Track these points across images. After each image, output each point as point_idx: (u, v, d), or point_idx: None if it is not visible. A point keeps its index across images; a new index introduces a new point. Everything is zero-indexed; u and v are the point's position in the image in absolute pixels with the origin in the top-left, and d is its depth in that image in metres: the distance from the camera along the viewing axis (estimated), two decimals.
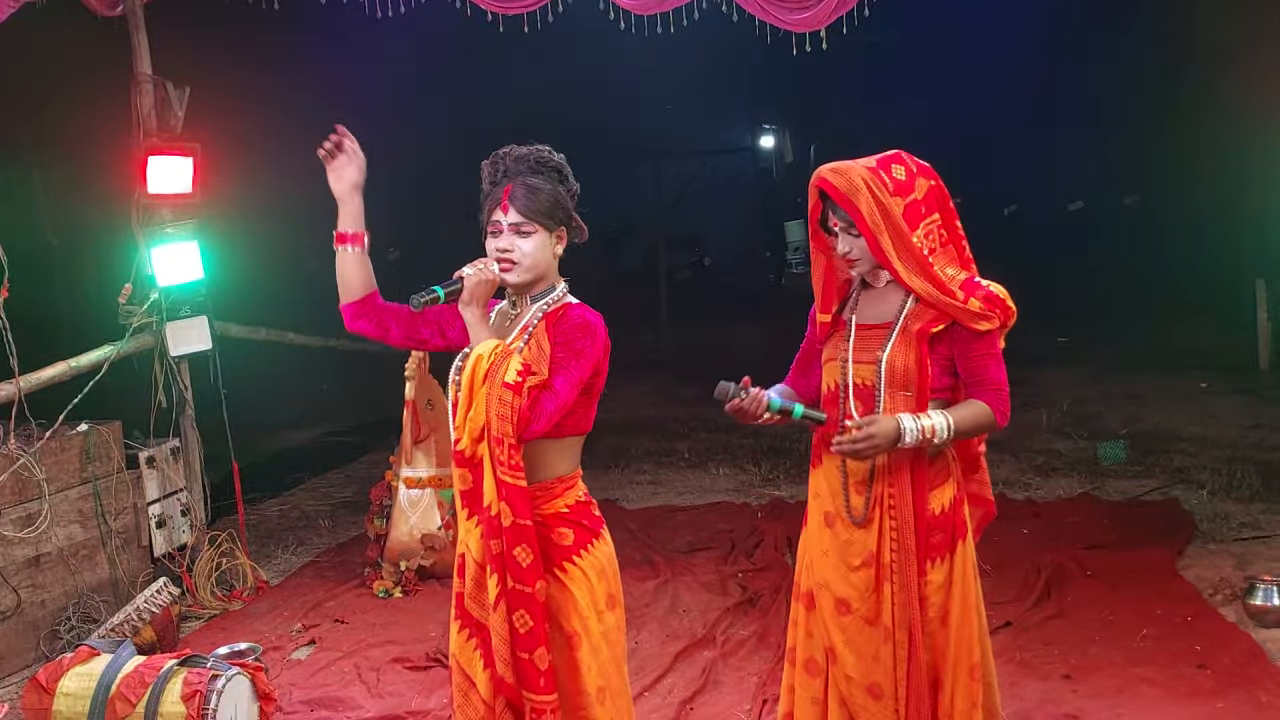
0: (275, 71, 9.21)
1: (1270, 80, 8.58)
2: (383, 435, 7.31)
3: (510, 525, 2.44)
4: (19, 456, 4.56)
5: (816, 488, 2.90)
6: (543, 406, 2.45)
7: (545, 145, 2.68)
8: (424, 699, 4.11)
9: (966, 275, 2.76)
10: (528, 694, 2.47)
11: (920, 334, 2.70)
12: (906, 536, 2.72)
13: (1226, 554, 5.20)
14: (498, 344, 2.49)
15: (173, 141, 5.27)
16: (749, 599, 4.94)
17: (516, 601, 2.45)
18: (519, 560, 2.44)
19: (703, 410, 8.90)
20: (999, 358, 2.75)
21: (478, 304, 2.54)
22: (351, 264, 2.75)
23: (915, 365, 2.70)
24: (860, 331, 2.79)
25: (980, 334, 2.70)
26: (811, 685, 2.90)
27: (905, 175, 2.71)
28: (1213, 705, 3.80)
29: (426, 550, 5.30)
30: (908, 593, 2.73)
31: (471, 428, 2.46)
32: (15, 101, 7.54)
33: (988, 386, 2.73)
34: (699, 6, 4.73)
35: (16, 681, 4.41)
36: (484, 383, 2.44)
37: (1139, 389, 8.87)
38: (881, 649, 2.77)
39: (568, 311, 2.60)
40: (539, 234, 2.59)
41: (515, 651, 2.46)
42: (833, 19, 4.60)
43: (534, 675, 2.46)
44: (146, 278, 5.23)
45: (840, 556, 2.81)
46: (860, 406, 2.75)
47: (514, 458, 2.43)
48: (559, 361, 2.52)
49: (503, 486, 2.43)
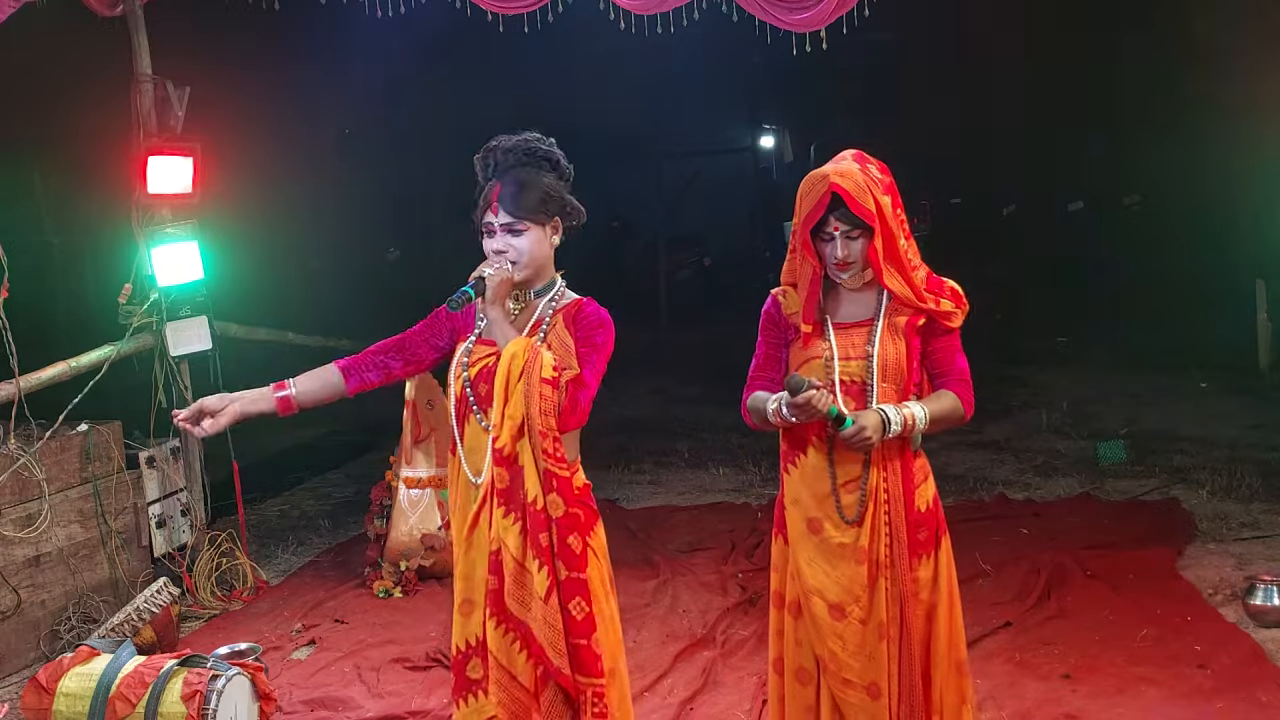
0: (275, 71, 9.21)
1: (1270, 80, 8.58)
2: (383, 435, 7.31)
3: (562, 515, 2.53)
4: (19, 456, 4.56)
5: (795, 494, 2.84)
6: (579, 401, 2.55)
7: (534, 133, 2.69)
8: (424, 699, 4.11)
9: (926, 271, 2.80)
10: (586, 679, 2.53)
11: (909, 326, 2.74)
12: (900, 531, 2.74)
13: (1226, 554, 5.20)
14: (527, 341, 2.54)
15: (173, 141, 5.28)
16: (749, 599, 4.94)
17: (571, 590, 2.53)
18: (573, 549, 2.53)
19: (703, 410, 8.92)
20: (962, 350, 2.81)
21: (500, 303, 2.59)
22: (311, 398, 2.76)
23: (906, 356, 2.74)
24: (839, 329, 2.79)
25: (950, 329, 2.77)
26: (804, 694, 2.87)
27: (880, 175, 2.73)
28: (1213, 705, 3.80)
29: (426, 550, 5.30)
30: (903, 586, 2.73)
31: (510, 424, 2.52)
32: (15, 101, 7.54)
33: (954, 377, 2.78)
34: (699, 6, 4.72)
35: (16, 681, 4.41)
36: (520, 379, 2.50)
37: (1139, 389, 8.86)
38: (877, 648, 2.76)
39: (583, 307, 2.67)
40: (532, 230, 2.63)
41: (572, 639, 2.52)
42: (833, 19, 4.59)
43: (592, 659, 2.53)
44: (146, 278, 5.23)
45: (829, 561, 2.78)
46: (851, 403, 2.75)
47: (559, 449, 2.52)
48: (584, 356, 2.60)
49: (551, 478, 2.52)
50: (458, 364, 2.68)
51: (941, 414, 2.74)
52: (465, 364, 2.66)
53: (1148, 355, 10.02)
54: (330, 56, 9.13)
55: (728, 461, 7.36)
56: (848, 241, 2.71)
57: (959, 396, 2.77)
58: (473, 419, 2.65)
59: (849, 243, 2.71)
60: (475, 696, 2.65)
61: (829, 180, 2.66)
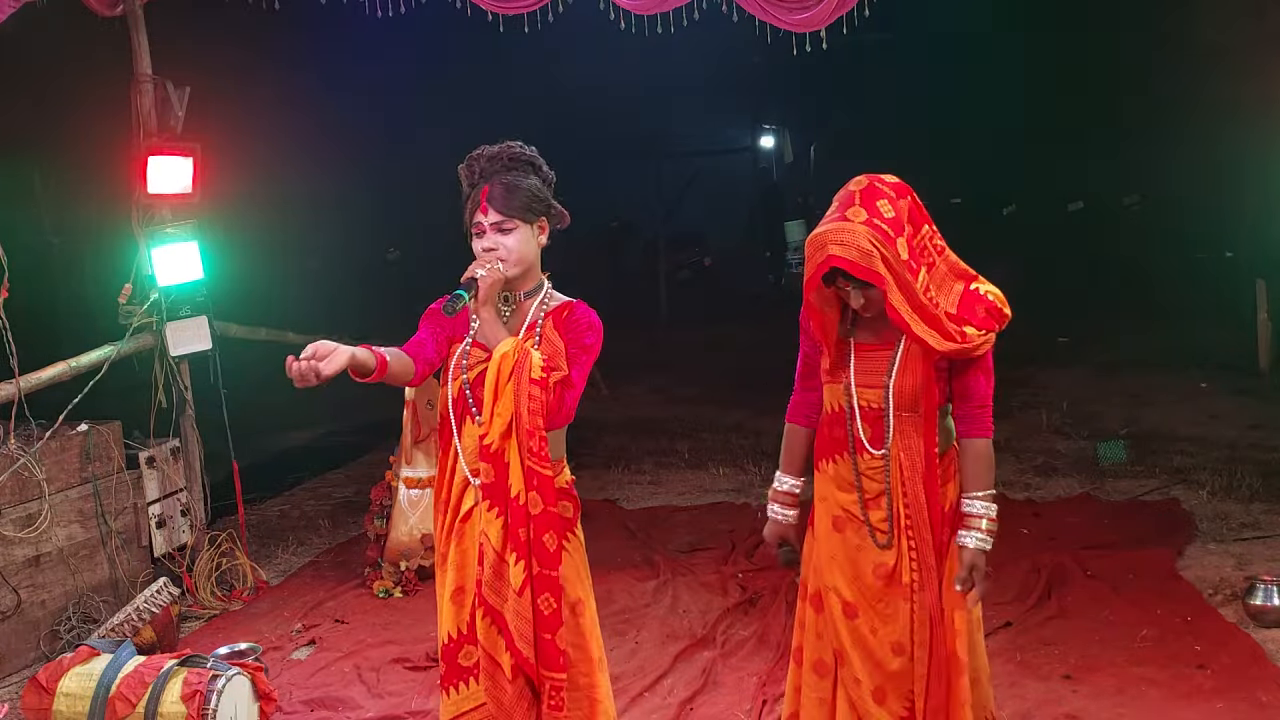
0: (275, 71, 9.19)
1: (1270, 80, 8.57)
2: (383, 435, 7.31)
3: (540, 513, 2.59)
4: (19, 456, 4.56)
5: (824, 491, 2.89)
6: (566, 401, 2.63)
7: (516, 141, 2.77)
8: (424, 699, 4.11)
9: (962, 287, 2.72)
10: (547, 672, 2.62)
11: (926, 354, 2.66)
12: (926, 555, 2.72)
13: (1226, 554, 5.20)
14: (516, 342, 2.61)
15: (173, 141, 5.27)
16: (749, 599, 4.94)
17: (542, 585, 2.59)
18: (547, 546, 2.59)
19: (703, 410, 8.92)
20: (989, 371, 2.75)
21: (491, 303, 2.65)
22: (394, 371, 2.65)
23: (923, 386, 2.68)
24: (861, 353, 2.76)
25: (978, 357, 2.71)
26: (820, 686, 2.90)
27: (892, 210, 2.59)
28: (1213, 705, 3.80)
29: (426, 550, 5.30)
30: (931, 610, 2.73)
31: (499, 423, 2.59)
32: (16, 101, 7.54)
33: (973, 402, 2.73)
34: (699, 6, 4.72)
35: (16, 681, 4.41)
36: (509, 379, 2.58)
37: (1139, 389, 8.85)
38: (890, 658, 2.77)
39: (573, 310, 2.74)
40: (520, 228, 2.70)
41: (539, 633, 2.60)
42: (833, 19, 4.59)
43: (554, 654, 2.61)
44: (146, 278, 5.23)
45: (850, 561, 2.81)
46: (868, 430, 2.74)
47: (543, 448, 2.59)
48: (572, 357, 2.69)
49: (533, 476, 2.58)
50: (455, 366, 2.74)
51: (989, 474, 2.73)
52: (464, 366, 2.73)
53: (1148, 355, 10.02)
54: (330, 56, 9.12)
55: (728, 461, 7.35)
56: (861, 292, 2.66)
57: (979, 434, 2.73)
58: (470, 421, 2.73)
59: (862, 292, 2.66)
60: (465, 684, 2.74)
61: (827, 253, 2.56)
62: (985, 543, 2.71)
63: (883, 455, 2.74)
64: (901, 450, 2.72)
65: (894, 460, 2.73)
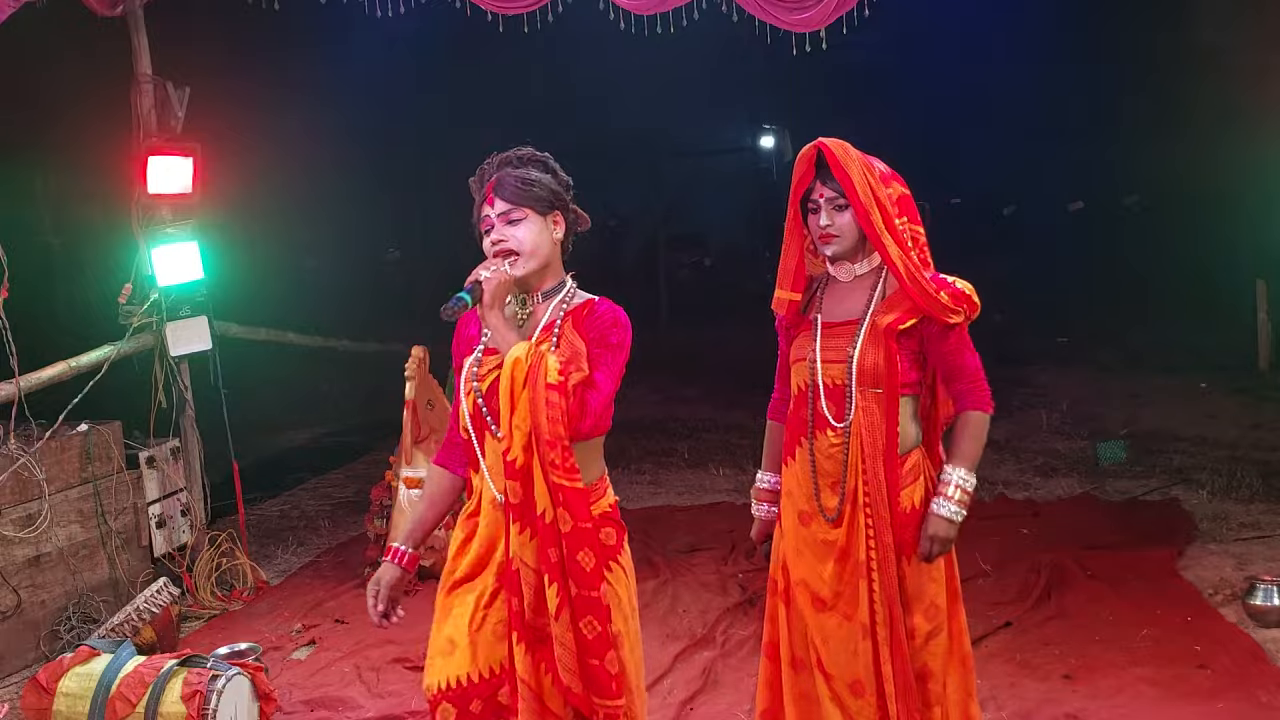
0: (275, 71, 9.21)
1: (1270, 80, 8.58)
2: (383, 435, 7.31)
3: (571, 530, 2.36)
4: (19, 456, 4.56)
5: (789, 486, 2.92)
6: (590, 404, 2.38)
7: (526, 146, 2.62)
8: (424, 699, 4.10)
9: (931, 273, 2.78)
10: (600, 700, 2.41)
11: (889, 330, 2.71)
12: (884, 533, 2.74)
13: (1226, 554, 5.20)
14: (530, 346, 2.39)
15: (173, 141, 5.27)
16: (749, 599, 4.94)
17: (583, 608, 2.38)
18: (583, 565, 2.37)
19: (703, 410, 8.92)
20: (972, 347, 2.78)
21: (499, 306, 2.44)
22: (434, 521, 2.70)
23: (884, 362, 2.70)
24: (827, 330, 2.80)
25: (951, 327, 2.73)
26: (800, 680, 2.91)
27: (888, 171, 2.78)
28: (1213, 705, 3.80)
29: (426, 550, 5.29)
30: (889, 589, 2.73)
31: (519, 435, 2.36)
32: (15, 101, 7.54)
33: (966, 377, 2.76)
34: (699, 6, 4.72)
35: (16, 681, 4.41)
36: (524, 387, 2.35)
37: (1139, 389, 8.86)
38: (860, 645, 2.77)
39: (595, 307, 2.52)
40: (530, 219, 2.48)
41: (584, 659, 2.39)
42: (833, 19, 4.60)
43: (605, 680, 2.40)
44: (146, 278, 5.23)
45: (815, 554, 2.84)
46: (832, 407, 2.76)
47: (568, 460, 2.35)
48: (597, 357, 2.44)
49: (559, 490, 2.35)
50: (467, 378, 2.51)
51: (976, 447, 2.74)
52: (475, 375, 2.50)
53: (1148, 355, 10.02)
54: (330, 56, 9.13)
55: (728, 461, 7.35)
56: (833, 211, 2.74)
57: (975, 406, 2.75)
58: (490, 436, 2.47)
59: (834, 212, 2.74)
60: None
61: (818, 140, 2.72)
62: (954, 514, 2.69)
63: (843, 429, 2.75)
64: (864, 427, 2.73)
65: (855, 436, 2.74)
